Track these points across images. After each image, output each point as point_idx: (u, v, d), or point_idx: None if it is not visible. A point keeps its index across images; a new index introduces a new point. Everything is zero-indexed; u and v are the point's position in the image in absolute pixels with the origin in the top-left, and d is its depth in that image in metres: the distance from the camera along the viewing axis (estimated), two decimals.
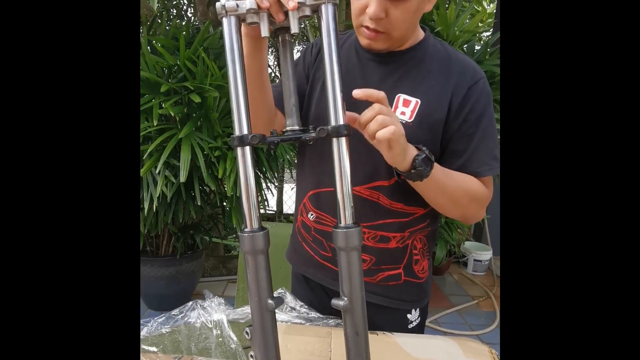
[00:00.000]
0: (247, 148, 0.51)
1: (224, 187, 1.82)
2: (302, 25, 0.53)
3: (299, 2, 0.52)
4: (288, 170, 3.11)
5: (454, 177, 0.72)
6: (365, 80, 0.76)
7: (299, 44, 3.14)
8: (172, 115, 1.67)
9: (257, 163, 1.95)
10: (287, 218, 3.14)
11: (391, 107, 0.70)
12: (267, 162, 1.93)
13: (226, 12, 0.52)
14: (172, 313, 0.87)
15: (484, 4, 2.87)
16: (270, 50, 2.92)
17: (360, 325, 0.53)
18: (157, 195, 1.69)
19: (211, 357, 0.76)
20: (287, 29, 0.55)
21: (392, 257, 0.81)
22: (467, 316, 2.36)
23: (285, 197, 3.29)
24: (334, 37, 0.52)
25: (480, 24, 2.17)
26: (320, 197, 0.82)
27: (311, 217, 0.84)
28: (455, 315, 2.36)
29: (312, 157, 0.84)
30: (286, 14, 0.53)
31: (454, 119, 0.73)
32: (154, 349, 0.77)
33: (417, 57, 0.75)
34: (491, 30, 2.67)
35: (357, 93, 0.58)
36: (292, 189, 3.27)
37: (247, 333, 0.57)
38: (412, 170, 0.64)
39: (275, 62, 3.00)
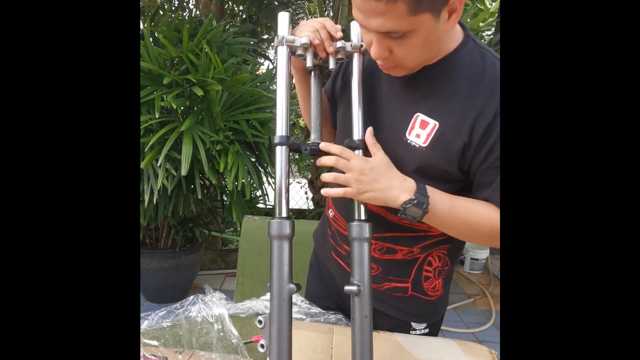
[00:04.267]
0: (284, 147, 0.63)
1: (225, 181, 1.82)
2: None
3: (339, 47, 0.68)
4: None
5: (467, 213, 0.68)
6: (387, 96, 0.73)
7: None
8: (174, 107, 1.67)
9: (258, 158, 1.94)
10: (288, 214, 3.14)
11: (408, 126, 0.69)
12: (268, 157, 1.92)
13: (284, 43, 0.66)
14: (173, 307, 0.88)
15: (487, 2, 2.86)
16: (269, 46, 2.90)
17: (367, 308, 0.61)
18: (158, 188, 1.68)
19: (212, 352, 0.76)
20: (321, 67, 0.72)
21: (398, 268, 0.79)
22: (463, 314, 2.37)
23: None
24: (359, 78, 0.70)
25: (482, 24, 2.16)
26: (339, 199, 0.83)
27: (331, 214, 0.88)
28: (451, 313, 2.37)
29: None
30: (327, 54, 0.69)
31: (478, 149, 0.64)
32: (155, 342, 0.78)
33: (445, 72, 0.67)
34: (493, 29, 2.66)
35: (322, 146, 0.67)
36: (290, 184, 3.27)
37: (259, 322, 0.58)
38: (402, 215, 0.64)
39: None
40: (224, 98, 1.82)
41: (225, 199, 2.16)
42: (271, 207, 3.24)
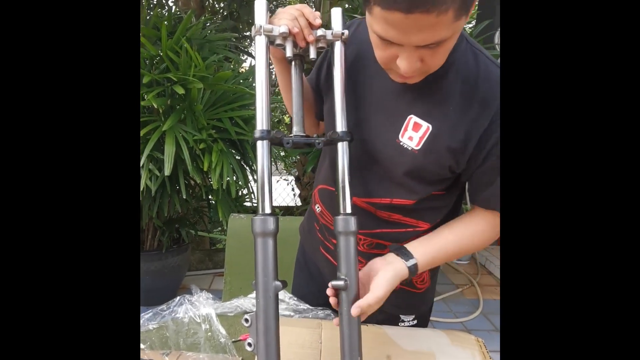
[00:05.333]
0: (265, 142, 0.61)
1: (210, 180, 1.80)
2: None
3: (320, 35, 0.65)
4: (274, 163, 3.09)
5: (451, 246, 0.70)
6: (379, 95, 0.70)
7: None
8: (155, 107, 1.64)
9: (243, 156, 1.93)
10: (273, 210, 3.13)
11: (401, 128, 0.67)
12: (254, 154, 1.91)
13: (261, 32, 0.63)
14: (159, 309, 0.87)
15: None
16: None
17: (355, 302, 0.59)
18: (141, 189, 1.66)
19: (200, 352, 0.75)
20: (301, 56, 0.69)
21: None
22: (452, 304, 2.40)
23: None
24: (341, 67, 0.67)
25: None
26: (325, 193, 0.83)
27: (317, 209, 0.87)
28: (440, 303, 2.40)
29: (325, 158, 0.85)
30: (307, 43, 0.65)
31: (475, 154, 0.65)
32: (141, 346, 0.76)
33: (439, 74, 0.63)
34: (474, 21, 2.69)
35: (354, 311, 0.59)
36: (277, 181, 3.26)
37: (246, 320, 0.57)
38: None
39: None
40: (206, 96, 1.79)
41: (211, 198, 2.14)
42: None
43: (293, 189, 3.09)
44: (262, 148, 0.61)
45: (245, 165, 1.96)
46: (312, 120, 0.86)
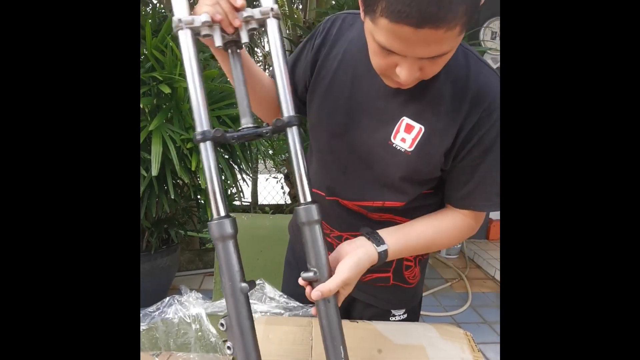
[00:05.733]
0: (209, 143, 0.56)
1: (198, 180, 1.79)
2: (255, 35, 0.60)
3: (247, 17, 0.59)
4: (262, 162, 3.08)
5: (423, 238, 0.70)
6: (370, 96, 0.69)
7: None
8: (141, 106, 1.62)
9: (231, 155, 1.92)
10: (263, 209, 3.12)
11: (393, 129, 0.67)
12: (242, 153, 1.90)
13: (182, 26, 0.58)
14: (149, 310, 0.86)
15: None
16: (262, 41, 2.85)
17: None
18: None
19: (191, 352, 0.75)
20: (236, 42, 0.62)
21: None
22: (441, 298, 2.43)
23: (260, 188, 3.26)
24: (280, 45, 0.61)
25: None
26: (314, 197, 0.80)
27: None
28: (430, 297, 2.43)
29: (311, 160, 0.83)
30: (236, 28, 0.60)
31: (459, 150, 0.65)
32: None
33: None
34: None
35: (313, 295, 0.57)
36: (266, 179, 3.25)
37: (222, 325, 0.57)
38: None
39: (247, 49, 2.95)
40: None
41: (200, 197, 2.13)
42: (247, 203, 3.22)
43: (282, 187, 3.08)
44: (205, 150, 0.56)
45: (233, 165, 1.95)
46: (274, 109, 0.76)
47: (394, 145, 0.67)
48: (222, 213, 0.56)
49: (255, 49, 2.97)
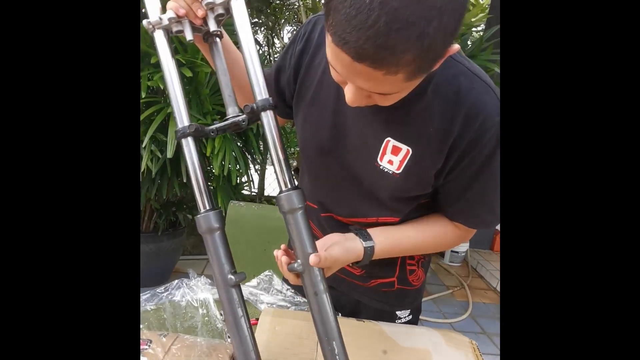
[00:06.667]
0: (190, 138, 0.57)
1: (211, 166, 1.80)
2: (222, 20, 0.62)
3: (209, 3, 0.57)
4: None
5: (411, 242, 0.70)
6: (354, 114, 0.65)
7: (290, 25, 3.09)
8: (162, 88, 1.63)
9: (245, 144, 1.92)
10: (269, 200, 3.13)
11: (379, 150, 0.63)
12: (256, 142, 1.90)
13: (153, 27, 0.58)
14: (157, 290, 0.87)
15: None
16: (259, 29, 2.85)
17: (318, 284, 0.55)
18: (142, 170, 1.65)
19: (197, 336, 0.76)
20: (212, 32, 0.60)
21: (382, 268, 0.79)
22: (441, 305, 2.43)
23: (270, 180, 3.27)
24: (247, 28, 0.59)
25: (473, 19, 2.17)
26: (310, 210, 0.79)
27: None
28: (430, 303, 2.42)
29: (303, 171, 0.81)
30: (204, 18, 0.59)
31: (451, 170, 0.62)
32: None
33: (417, 93, 0.58)
34: (483, 24, 2.68)
35: (312, 260, 0.55)
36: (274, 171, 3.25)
37: (221, 313, 0.58)
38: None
39: (265, 41, 2.95)
40: (212, 80, 1.78)
41: (211, 184, 2.14)
42: (255, 193, 3.23)
43: None
44: (187, 145, 0.57)
45: (247, 154, 1.95)
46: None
47: (381, 167, 0.64)
48: (207, 207, 0.57)
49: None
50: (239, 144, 1.90)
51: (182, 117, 0.58)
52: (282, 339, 0.70)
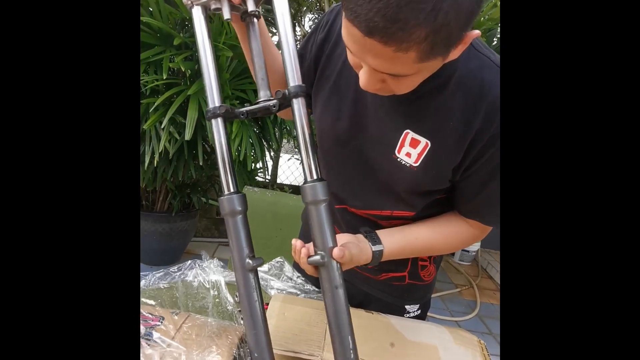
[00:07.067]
0: (220, 119, 0.57)
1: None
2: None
3: None
4: (286, 141, 3.08)
5: (422, 243, 0.70)
6: (374, 106, 0.65)
7: (312, 13, 3.06)
8: (182, 70, 1.64)
9: (262, 130, 1.93)
10: (281, 187, 3.14)
11: (397, 142, 0.63)
12: (273, 129, 1.91)
13: (192, 2, 0.58)
14: (170, 269, 0.88)
15: None
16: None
17: (336, 278, 0.55)
18: (160, 151, 1.67)
19: (208, 316, 0.77)
20: (252, 12, 0.59)
21: (393, 263, 0.78)
22: (449, 303, 2.42)
23: (284, 167, 3.28)
24: (286, 10, 0.57)
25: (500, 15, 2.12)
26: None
27: None
28: (437, 300, 2.42)
29: (320, 167, 0.81)
30: None
31: (470, 165, 0.61)
32: (152, 302, 0.78)
33: (436, 86, 0.58)
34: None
35: (336, 253, 0.54)
36: (288, 159, 3.26)
37: (236, 296, 0.59)
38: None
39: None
40: (233, 65, 1.78)
41: None
42: (268, 180, 3.25)
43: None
44: (217, 126, 0.57)
45: (263, 141, 1.96)
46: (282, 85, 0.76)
47: (398, 159, 0.64)
48: (232, 189, 0.57)
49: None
50: (255, 129, 1.90)
51: (213, 97, 0.57)
52: (290, 325, 0.71)
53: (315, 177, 0.55)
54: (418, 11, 0.40)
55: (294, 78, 0.56)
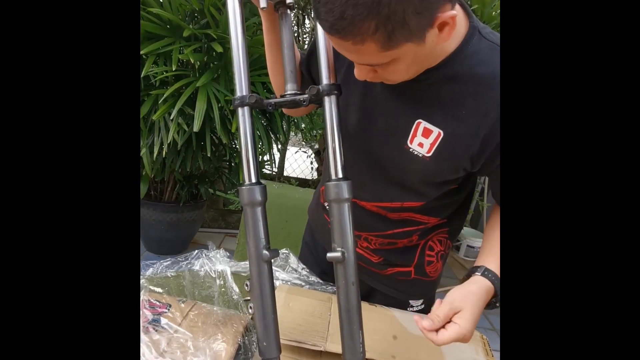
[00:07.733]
0: (247, 108, 0.56)
1: (235, 142, 1.82)
2: None
3: None
4: (294, 134, 3.09)
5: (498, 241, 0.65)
6: (384, 96, 0.64)
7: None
8: (192, 62, 1.64)
9: (270, 122, 1.93)
10: (288, 180, 3.15)
11: (409, 133, 0.62)
12: (281, 122, 1.91)
13: None
14: (178, 258, 0.90)
15: None
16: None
17: (352, 275, 0.56)
18: (168, 142, 1.68)
19: (214, 305, 0.78)
20: (284, 2, 0.59)
21: (401, 255, 0.80)
22: None
23: (291, 160, 3.29)
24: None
25: None
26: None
27: (327, 205, 0.85)
28: (442, 295, 2.41)
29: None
30: None
31: (492, 159, 0.59)
32: (159, 290, 0.80)
33: (448, 75, 0.58)
34: None
35: (425, 325, 0.55)
36: (295, 152, 3.27)
37: (246, 285, 0.59)
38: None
39: (295, 20, 2.92)
40: None
41: (234, 159, 2.17)
42: (275, 173, 3.26)
43: (312, 162, 3.10)
44: (243, 115, 0.56)
45: (270, 133, 1.96)
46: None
47: (410, 149, 0.63)
48: (254, 179, 0.57)
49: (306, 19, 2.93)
50: (263, 122, 1.91)
51: (242, 85, 0.57)
52: (295, 316, 0.72)
53: (340, 175, 0.56)
54: (361, 6, 0.43)
55: (328, 76, 0.57)
